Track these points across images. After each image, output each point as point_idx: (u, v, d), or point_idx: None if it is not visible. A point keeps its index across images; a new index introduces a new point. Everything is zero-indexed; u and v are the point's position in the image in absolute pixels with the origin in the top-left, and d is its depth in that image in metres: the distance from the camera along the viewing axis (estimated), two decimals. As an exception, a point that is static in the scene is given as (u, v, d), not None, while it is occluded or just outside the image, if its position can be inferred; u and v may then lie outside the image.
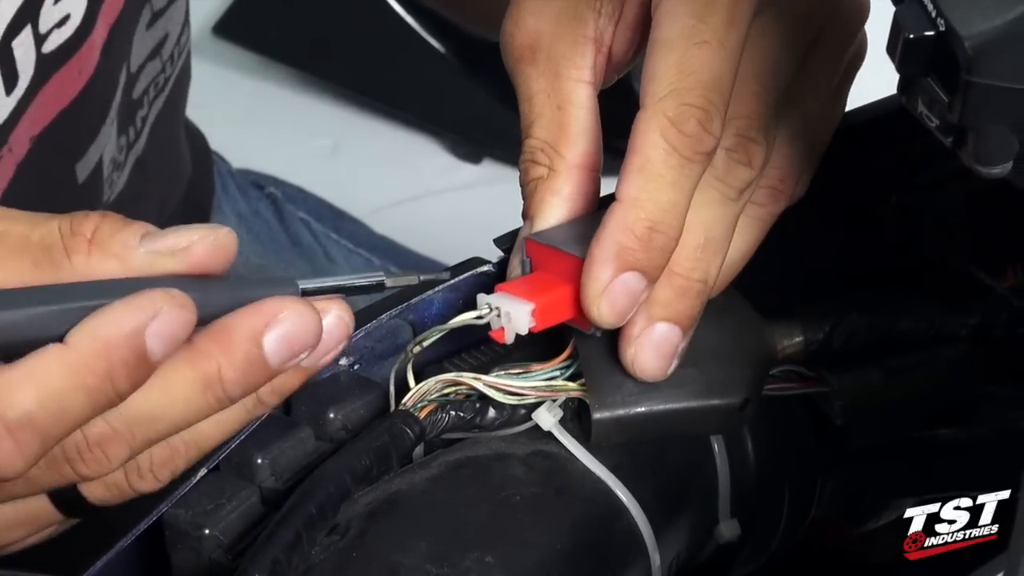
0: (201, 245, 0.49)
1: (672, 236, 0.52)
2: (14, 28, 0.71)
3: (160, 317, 0.47)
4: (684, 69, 0.52)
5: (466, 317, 0.55)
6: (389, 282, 0.53)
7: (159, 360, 0.48)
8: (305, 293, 0.51)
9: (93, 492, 0.52)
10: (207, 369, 0.49)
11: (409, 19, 1.64)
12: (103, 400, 0.47)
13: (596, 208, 0.57)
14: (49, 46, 0.75)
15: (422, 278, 0.54)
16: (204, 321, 0.50)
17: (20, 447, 0.46)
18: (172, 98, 0.96)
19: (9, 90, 0.73)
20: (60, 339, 0.47)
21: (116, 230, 0.49)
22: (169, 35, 0.92)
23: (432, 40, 1.65)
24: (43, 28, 0.74)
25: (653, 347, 0.54)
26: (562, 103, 0.57)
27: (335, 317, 0.51)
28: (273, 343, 0.49)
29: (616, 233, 0.52)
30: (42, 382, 0.46)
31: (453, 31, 1.64)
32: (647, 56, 0.53)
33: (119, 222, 0.49)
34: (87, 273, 0.49)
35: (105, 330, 0.47)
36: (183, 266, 0.49)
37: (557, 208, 0.57)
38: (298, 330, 0.50)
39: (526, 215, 0.58)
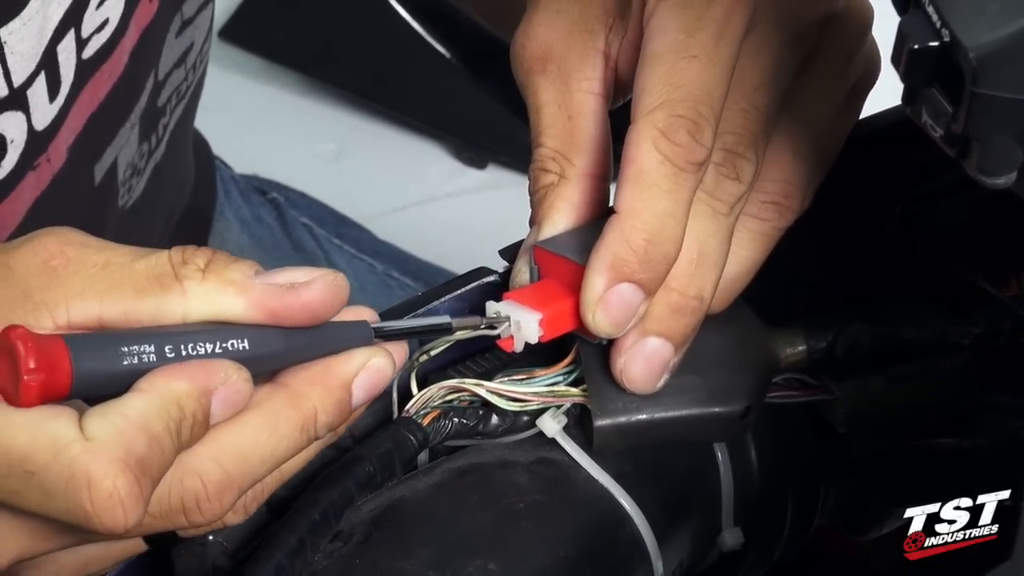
0: (321, 283, 0.50)
1: (671, 248, 0.53)
2: (60, 32, 0.72)
3: (228, 385, 0.49)
4: (673, 82, 0.53)
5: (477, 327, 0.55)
6: (455, 324, 0.55)
7: (215, 423, 0.49)
8: (377, 333, 0.53)
9: (189, 531, 0.52)
10: (306, 411, 0.51)
11: (414, 24, 1.64)
12: (177, 448, 0.48)
13: (604, 216, 0.57)
14: (89, 51, 0.75)
15: (484, 322, 0.55)
16: (288, 363, 0.51)
17: (143, 490, 0.46)
18: (189, 106, 0.97)
19: (52, 97, 0.73)
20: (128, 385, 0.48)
21: (231, 262, 0.50)
22: (194, 43, 0.92)
23: (437, 45, 1.65)
24: (84, 33, 0.74)
25: (643, 360, 0.55)
26: (572, 113, 0.57)
27: (399, 358, 0.53)
28: (359, 389, 0.52)
29: (612, 244, 0.53)
30: (146, 426, 0.47)
31: (458, 36, 1.64)
32: (638, 70, 0.54)
33: (231, 257, 0.51)
34: (199, 297, 0.49)
35: (178, 384, 0.48)
36: (299, 301, 0.50)
37: (566, 215, 0.57)
38: (379, 378, 0.52)
39: (534, 221, 0.58)
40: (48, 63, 0.71)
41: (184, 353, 0.48)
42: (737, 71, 0.54)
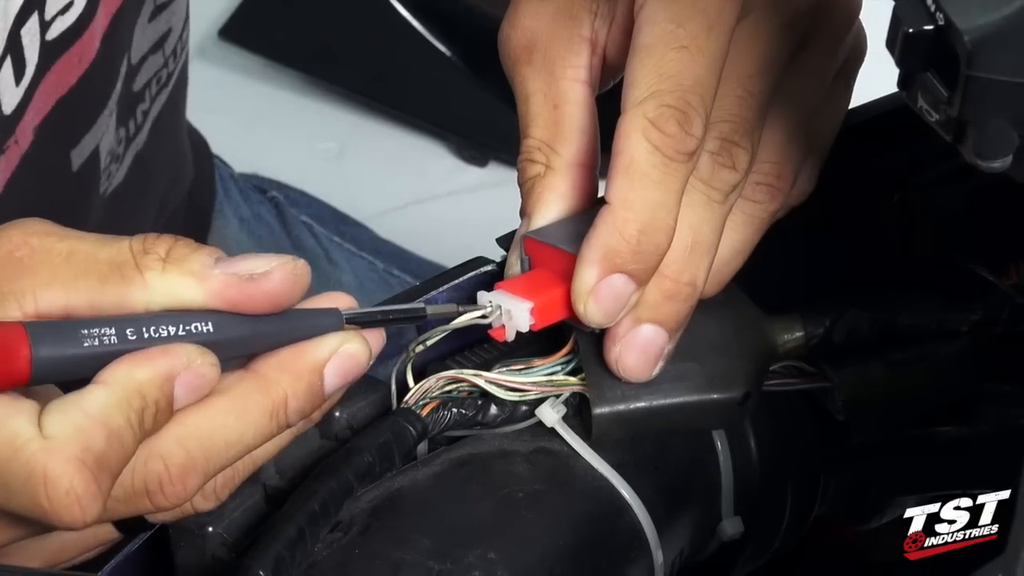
0: (280, 272, 0.50)
1: (663, 239, 0.53)
2: (23, 15, 0.72)
3: (192, 369, 0.49)
4: (663, 73, 0.53)
5: (469, 317, 0.55)
6: (430, 311, 0.55)
7: (180, 407, 0.49)
8: (348, 320, 0.52)
9: (156, 515, 0.53)
10: (275, 397, 0.51)
11: (414, 22, 1.64)
12: (140, 437, 0.48)
13: (594, 205, 0.57)
14: (52, 33, 0.75)
15: (461, 308, 0.55)
16: (256, 348, 0.51)
17: (100, 486, 0.47)
18: (174, 95, 0.97)
19: (18, 80, 0.74)
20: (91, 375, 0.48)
21: (191, 251, 0.50)
22: (172, 30, 0.92)
23: (437, 43, 1.65)
24: (48, 15, 0.74)
25: (638, 348, 0.55)
26: (558, 102, 0.57)
27: (375, 345, 0.53)
28: (332, 375, 0.52)
29: (604, 235, 0.53)
30: (105, 422, 0.47)
31: (459, 34, 1.64)
32: (628, 61, 0.54)
33: (191, 245, 0.51)
34: (160, 288, 0.50)
35: (139, 372, 0.48)
36: (259, 291, 0.50)
37: (554, 205, 0.57)
38: (352, 364, 0.52)
39: (523, 212, 0.58)
40: (12, 46, 0.72)
41: (147, 336, 0.49)
42: (731, 58, 0.54)
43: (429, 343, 0.57)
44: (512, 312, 0.55)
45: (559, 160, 0.57)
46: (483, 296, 0.55)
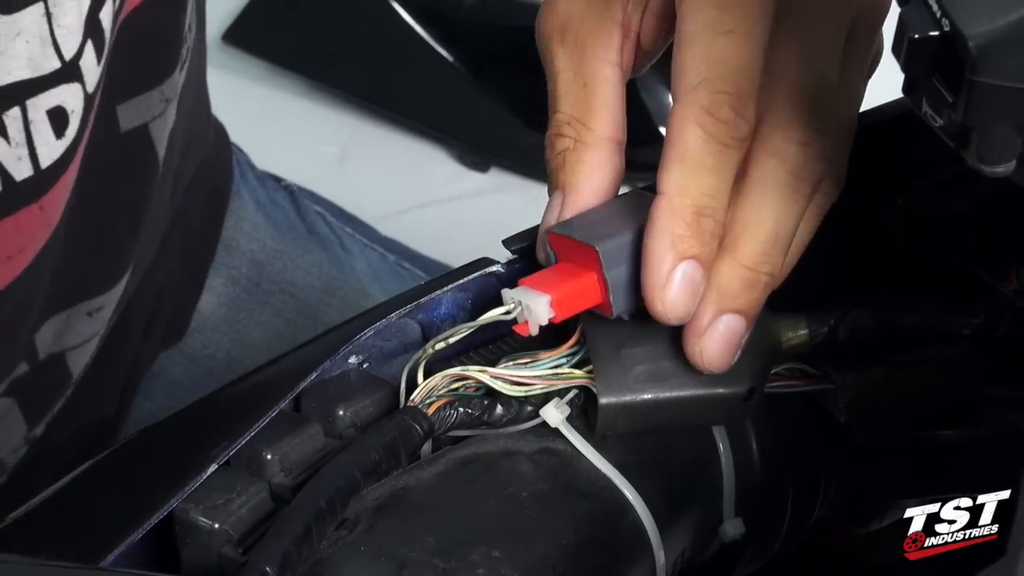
0: None
1: (718, 221, 0.53)
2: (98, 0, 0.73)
3: None
4: (712, 58, 0.53)
5: (494, 313, 0.55)
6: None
7: None
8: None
9: None
10: None
11: (418, 28, 1.65)
12: None
13: (617, 191, 0.58)
14: (116, 5, 0.77)
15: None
16: None
17: None
18: (196, 63, 0.97)
19: (99, 59, 0.75)
20: None
21: None
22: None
23: (440, 49, 1.65)
24: None
25: (722, 339, 0.55)
26: (588, 80, 0.58)
27: None
28: None
29: (668, 224, 0.53)
30: None
31: (461, 39, 1.65)
32: (675, 50, 0.54)
33: None
34: None
35: None
36: None
37: (586, 179, 0.57)
38: None
39: (553, 188, 0.58)
40: (93, 31, 0.73)
41: None
42: (806, 49, 0.55)
43: (452, 340, 0.57)
44: (531, 306, 0.55)
45: (590, 135, 0.58)
46: (507, 293, 0.56)
